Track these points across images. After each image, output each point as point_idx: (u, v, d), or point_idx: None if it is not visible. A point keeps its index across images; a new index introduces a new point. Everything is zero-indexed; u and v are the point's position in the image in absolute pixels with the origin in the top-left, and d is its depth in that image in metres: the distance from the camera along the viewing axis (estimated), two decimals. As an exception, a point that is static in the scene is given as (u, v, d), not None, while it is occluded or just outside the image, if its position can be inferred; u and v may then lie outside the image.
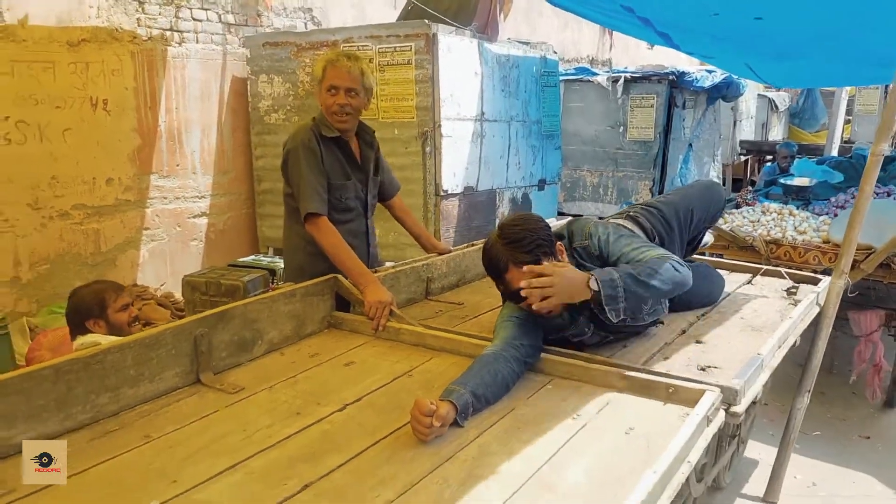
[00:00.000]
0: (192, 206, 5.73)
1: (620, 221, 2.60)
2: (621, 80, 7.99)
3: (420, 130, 4.84)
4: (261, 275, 4.49)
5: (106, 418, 1.84)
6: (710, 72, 8.38)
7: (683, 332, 2.59)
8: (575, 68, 8.92)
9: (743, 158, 10.61)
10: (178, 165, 5.54)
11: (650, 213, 2.67)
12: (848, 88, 8.70)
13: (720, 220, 4.28)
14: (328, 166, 2.77)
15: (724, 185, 9.33)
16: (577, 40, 10.18)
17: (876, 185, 4.96)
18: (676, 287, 2.18)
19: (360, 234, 2.95)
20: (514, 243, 2.09)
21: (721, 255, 4.04)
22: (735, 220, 4.25)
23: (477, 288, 3.14)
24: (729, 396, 1.94)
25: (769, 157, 10.92)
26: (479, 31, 5.13)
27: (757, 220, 4.22)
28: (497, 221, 5.42)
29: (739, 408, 1.95)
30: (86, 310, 2.78)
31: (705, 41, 5.64)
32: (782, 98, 11.98)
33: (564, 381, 2.10)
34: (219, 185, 5.91)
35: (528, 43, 5.69)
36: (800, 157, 6.39)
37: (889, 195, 4.60)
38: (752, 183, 10.89)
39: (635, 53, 10.79)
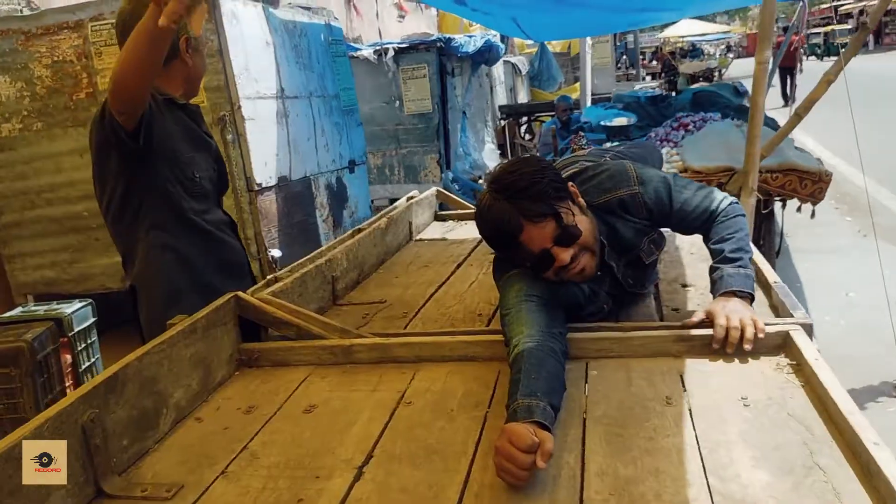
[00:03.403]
0: None
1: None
2: (390, 52, 7.62)
3: (216, 115, 4.00)
4: (46, 328, 3.43)
5: None
6: (470, 37, 8.35)
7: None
8: (333, 46, 8.35)
9: (503, 123, 10.85)
10: None
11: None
12: (590, 43, 9.19)
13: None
14: (176, 133, 2.05)
15: (499, 149, 9.42)
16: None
17: (675, 120, 5.14)
18: None
19: (224, 224, 2.22)
20: (521, 193, 1.56)
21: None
22: (587, 165, 4.07)
23: (384, 280, 2.54)
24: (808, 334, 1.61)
25: (524, 119, 11.35)
26: (260, -5, 4.40)
27: (606, 161, 4.07)
28: (317, 213, 4.76)
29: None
30: None
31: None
32: (522, 62, 12.49)
33: (603, 361, 1.64)
34: (-62, 228, 4.49)
35: (310, 8, 5.05)
36: (590, 107, 6.52)
37: (704, 121, 4.73)
38: (520, 147, 11.24)
39: (384, 28, 10.48)
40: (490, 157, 9.03)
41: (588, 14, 6.28)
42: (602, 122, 5.12)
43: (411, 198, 3.23)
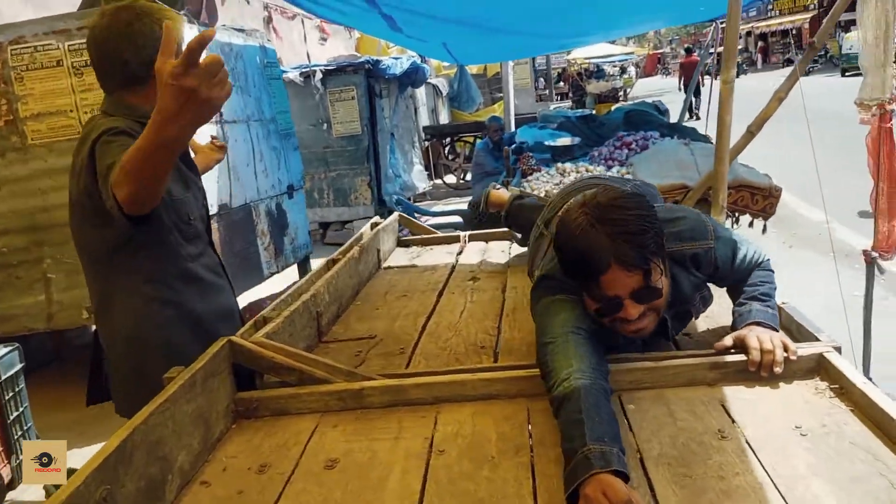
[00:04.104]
0: None
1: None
2: (318, 75, 7.47)
3: (154, 143, 3.75)
4: (13, 348, 3.32)
5: None
6: (396, 59, 8.29)
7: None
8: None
9: (426, 144, 10.81)
10: None
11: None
12: (512, 65, 9.30)
13: (527, 186, 4.08)
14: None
15: (426, 170, 9.37)
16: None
17: (618, 139, 5.19)
18: None
19: (216, 267, 2.04)
20: (625, 236, 1.44)
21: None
22: (541, 186, 4.06)
23: (364, 313, 2.40)
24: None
25: (446, 140, 11.36)
26: (194, 16, 4.18)
27: (559, 182, 4.08)
28: (258, 241, 4.54)
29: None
30: None
31: (423, 21, 5.44)
32: (442, 84, 12.51)
33: (637, 393, 1.57)
34: None
35: (244, 30, 4.85)
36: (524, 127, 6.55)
37: (646, 140, 4.78)
38: (444, 168, 11.21)
39: (302, 50, 10.27)
40: (419, 178, 8.97)
41: (516, 39, 6.35)
42: (547, 143, 5.13)
43: (376, 224, 3.10)
